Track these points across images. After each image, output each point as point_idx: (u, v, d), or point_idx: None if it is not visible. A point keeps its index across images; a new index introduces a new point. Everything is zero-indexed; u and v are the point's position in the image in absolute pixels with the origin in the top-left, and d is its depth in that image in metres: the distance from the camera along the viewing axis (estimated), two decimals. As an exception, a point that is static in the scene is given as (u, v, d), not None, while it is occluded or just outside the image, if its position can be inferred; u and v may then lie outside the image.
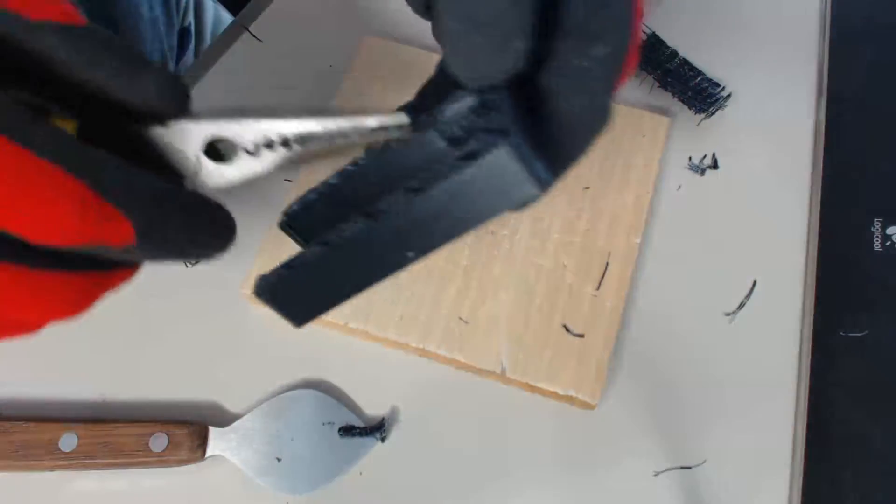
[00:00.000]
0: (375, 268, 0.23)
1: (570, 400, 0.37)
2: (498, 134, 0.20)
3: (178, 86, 0.22)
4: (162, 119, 0.22)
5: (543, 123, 0.23)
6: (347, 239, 0.22)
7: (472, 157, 0.21)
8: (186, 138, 0.22)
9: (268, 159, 0.23)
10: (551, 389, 0.37)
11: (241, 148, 0.22)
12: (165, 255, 0.21)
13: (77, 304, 0.21)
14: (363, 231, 0.22)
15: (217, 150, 0.23)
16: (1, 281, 0.19)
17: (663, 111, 0.46)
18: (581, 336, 0.38)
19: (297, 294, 0.24)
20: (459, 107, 0.22)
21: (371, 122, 0.22)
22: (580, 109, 0.23)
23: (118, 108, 0.21)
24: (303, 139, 0.22)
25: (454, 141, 0.22)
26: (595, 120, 0.23)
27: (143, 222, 0.20)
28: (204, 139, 0.22)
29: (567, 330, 0.38)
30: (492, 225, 0.41)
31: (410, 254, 0.23)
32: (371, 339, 0.39)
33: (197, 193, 0.22)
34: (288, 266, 0.23)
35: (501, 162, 0.20)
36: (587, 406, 0.37)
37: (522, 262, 0.40)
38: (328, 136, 0.22)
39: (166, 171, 0.23)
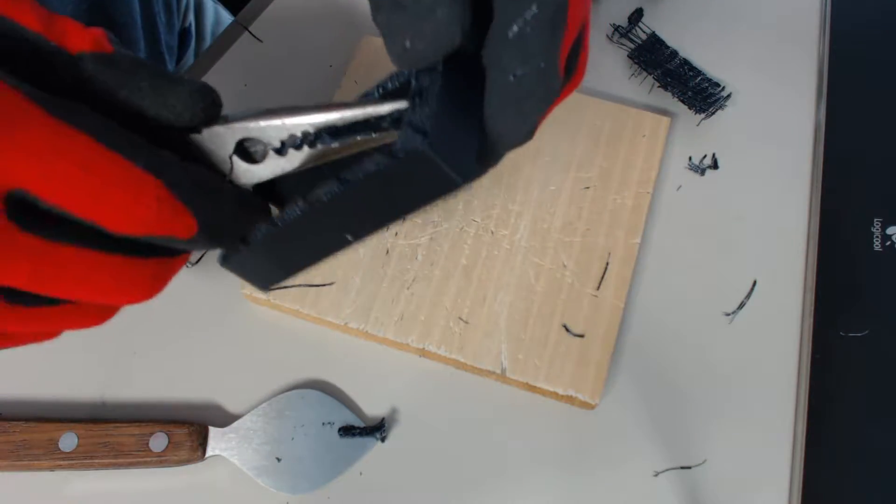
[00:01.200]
0: (318, 247, 0.25)
1: (569, 400, 0.37)
2: (418, 132, 0.21)
3: (206, 98, 0.23)
4: (196, 128, 0.24)
5: (489, 100, 0.23)
6: (288, 222, 0.23)
7: (391, 154, 0.21)
8: (219, 142, 0.24)
9: (295, 158, 0.24)
10: (551, 389, 0.37)
11: (269, 148, 0.24)
12: (219, 244, 0.24)
13: (152, 287, 0.24)
14: (302, 215, 0.23)
15: (248, 152, 0.25)
16: (86, 265, 0.22)
17: (663, 111, 0.46)
18: (581, 336, 0.38)
19: (255, 264, 0.25)
20: (390, 93, 0.24)
21: (383, 108, 0.23)
22: (522, 78, 0.22)
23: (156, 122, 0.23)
24: (323, 132, 0.24)
25: (379, 129, 0.23)
26: (539, 87, 0.22)
27: (204, 216, 0.22)
28: (235, 141, 0.24)
29: (567, 330, 0.38)
30: (492, 225, 0.41)
31: (348, 236, 0.24)
32: (371, 339, 0.39)
33: (241, 188, 0.25)
34: (244, 241, 0.24)
35: (419, 160, 0.21)
36: (587, 406, 0.37)
37: (522, 262, 0.40)
38: (346, 127, 0.24)
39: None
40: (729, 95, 0.46)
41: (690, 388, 0.39)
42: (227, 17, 0.70)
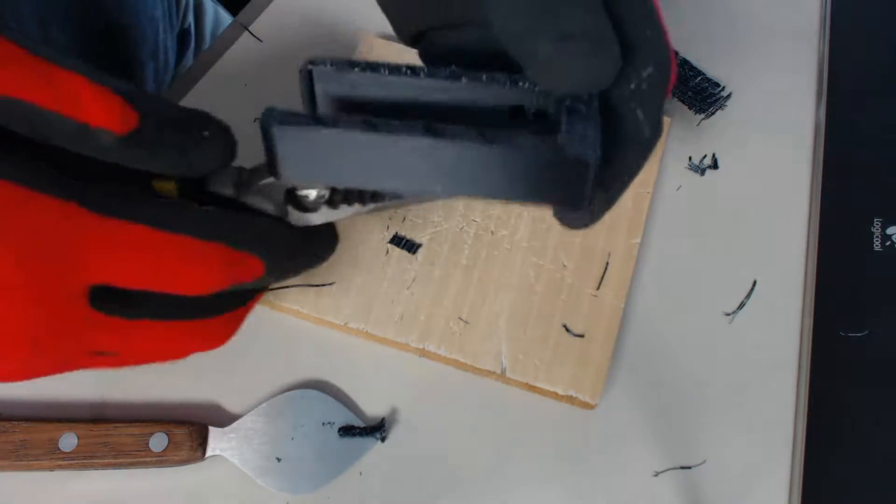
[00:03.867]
0: (394, 175, 0.22)
1: (569, 400, 0.37)
2: (589, 143, 0.21)
3: (228, 151, 0.24)
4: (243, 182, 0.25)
5: (615, 138, 0.24)
6: (393, 136, 0.21)
7: (553, 142, 0.21)
8: (270, 192, 0.25)
9: (346, 211, 0.25)
10: (551, 389, 0.37)
11: (321, 202, 0.25)
12: (288, 276, 0.26)
13: (224, 337, 0.27)
14: (412, 138, 0.21)
15: (299, 201, 0.25)
16: (166, 333, 0.25)
17: (664, 111, 0.46)
18: (581, 336, 0.38)
19: (300, 148, 0.22)
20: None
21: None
22: (637, 125, 0.24)
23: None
24: (372, 196, 0.25)
25: (540, 115, 0.23)
26: (651, 134, 0.24)
27: (269, 257, 0.24)
28: (285, 191, 0.25)
29: (567, 330, 0.38)
30: (492, 225, 0.41)
31: (438, 188, 0.22)
32: (371, 338, 0.39)
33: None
34: (314, 119, 0.21)
35: (576, 169, 0.21)
36: (587, 406, 0.37)
37: (522, 262, 0.40)
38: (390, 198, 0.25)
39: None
40: (729, 95, 0.46)
41: (690, 388, 0.39)
42: (226, 18, 0.70)
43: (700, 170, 0.45)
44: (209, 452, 0.36)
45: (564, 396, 0.37)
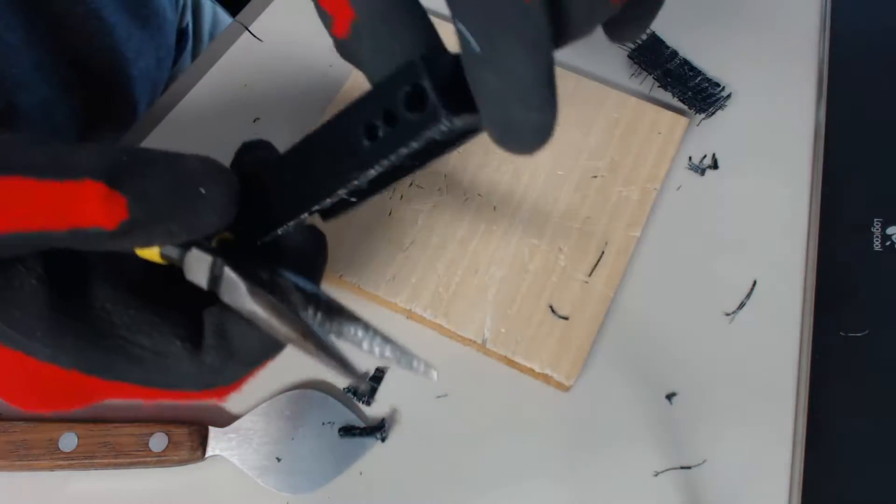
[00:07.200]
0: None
1: (545, 379, 0.38)
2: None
3: (232, 203, 0.23)
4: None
5: None
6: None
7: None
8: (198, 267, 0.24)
9: None
10: (528, 365, 0.37)
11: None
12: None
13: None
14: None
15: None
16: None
17: (682, 111, 0.46)
18: (565, 318, 0.38)
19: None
20: None
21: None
22: None
23: None
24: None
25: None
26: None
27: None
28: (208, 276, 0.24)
29: (553, 311, 0.39)
30: (495, 201, 0.41)
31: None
32: (361, 294, 0.40)
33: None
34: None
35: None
36: (561, 387, 0.38)
37: (519, 240, 0.40)
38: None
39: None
40: (729, 95, 0.46)
41: (690, 387, 0.39)
42: (224, 18, 0.69)
43: (700, 170, 0.45)
44: (209, 452, 0.36)
45: (540, 374, 0.38)
